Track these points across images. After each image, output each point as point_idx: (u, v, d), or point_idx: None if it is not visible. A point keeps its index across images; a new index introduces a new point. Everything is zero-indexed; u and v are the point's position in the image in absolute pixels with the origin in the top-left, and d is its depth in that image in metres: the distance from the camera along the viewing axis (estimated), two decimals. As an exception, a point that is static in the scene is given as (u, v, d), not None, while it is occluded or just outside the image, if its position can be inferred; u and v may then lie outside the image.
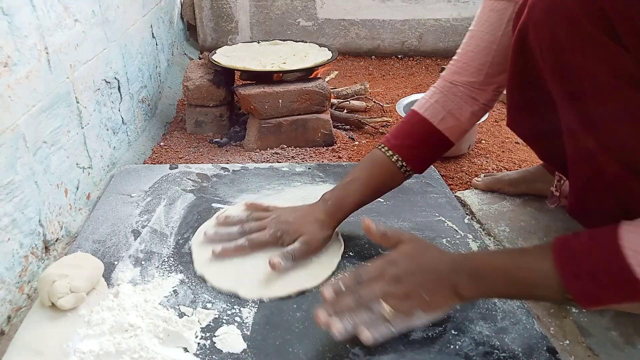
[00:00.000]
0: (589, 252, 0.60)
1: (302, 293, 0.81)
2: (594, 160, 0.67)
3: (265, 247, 0.87)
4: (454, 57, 0.89)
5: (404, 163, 0.87)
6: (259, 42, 1.69)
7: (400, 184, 0.91)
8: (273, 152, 1.39)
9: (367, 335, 0.66)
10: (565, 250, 0.62)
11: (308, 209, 0.90)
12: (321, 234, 0.86)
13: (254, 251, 0.87)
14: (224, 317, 0.76)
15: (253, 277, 0.83)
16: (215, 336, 0.72)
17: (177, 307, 0.77)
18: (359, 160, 1.35)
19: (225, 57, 1.52)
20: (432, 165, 1.23)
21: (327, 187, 1.12)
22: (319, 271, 0.85)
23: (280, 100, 1.37)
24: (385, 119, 1.54)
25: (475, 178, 1.17)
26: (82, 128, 1.05)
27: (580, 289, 0.60)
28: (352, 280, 0.71)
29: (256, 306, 0.78)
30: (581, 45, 0.59)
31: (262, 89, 1.37)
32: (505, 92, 0.84)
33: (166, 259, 0.88)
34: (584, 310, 0.80)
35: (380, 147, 0.90)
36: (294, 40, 1.70)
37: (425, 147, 0.89)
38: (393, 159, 0.87)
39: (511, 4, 0.80)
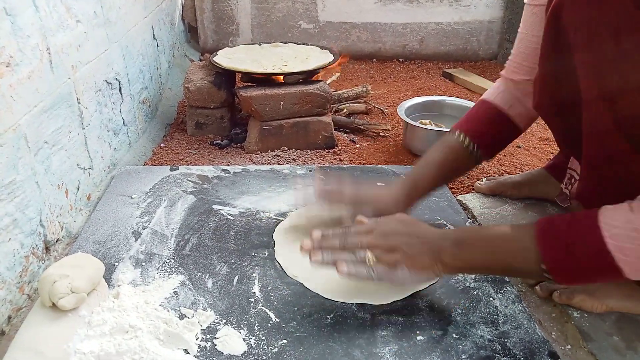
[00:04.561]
0: (568, 226, 0.64)
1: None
2: (611, 161, 0.67)
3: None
4: (510, 58, 0.95)
5: (474, 147, 0.91)
6: (260, 44, 1.69)
7: (472, 168, 0.97)
8: (274, 154, 1.38)
9: (343, 268, 0.71)
10: (546, 224, 0.66)
11: (386, 186, 0.94)
12: (394, 209, 0.85)
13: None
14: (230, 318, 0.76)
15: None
16: (216, 338, 0.72)
17: (178, 309, 0.77)
18: (360, 163, 1.35)
19: (226, 58, 1.52)
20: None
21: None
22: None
23: (281, 103, 1.37)
24: (384, 127, 1.54)
25: (478, 182, 1.17)
26: (83, 129, 1.05)
27: (554, 259, 0.63)
28: (341, 231, 0.76)
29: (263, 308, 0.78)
30: (616, 22, 0.58)
31: (263, 91, 1.37)
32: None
33: (167, 261, 0.88)
34: (586, 315, 0.80)
35: (451, 132, 0.94)
36: (295, 43, 1.70)
37: (495, 131, 0.93)
38: (465, 143, 0.91)
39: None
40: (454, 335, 0.73)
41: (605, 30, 0.59)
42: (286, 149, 1.41)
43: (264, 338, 0.72)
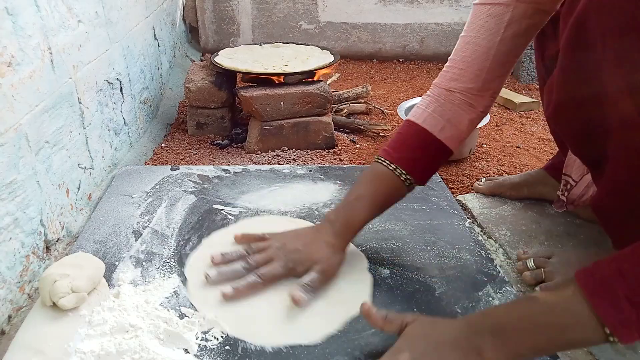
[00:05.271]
0: (620, 273, 0.54)
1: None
2: None
3: (277, 281, 0.81)
4: (448, 64, 0.87)
5: (407, 176, 0.84)
6: (261, 45, 1.70)
7: (404, 196, 0.88)
8: (274, 154, 1.39)
9: None
10: (593, 279, 0.56)
11: (314, 233, 0.86)
12: (335, 258, 0.83)
13: (267, 286, 0.81)
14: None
15: (274, 319, 0.76)
16: (216, 338, 0.72)
17: (178, 308, 0.77)
18: (360, 163, 1.35)
19: (227, 59, 1.52)
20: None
21: (326, 185, 1.13)
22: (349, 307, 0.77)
23: (281, 103, 1.37)
24: (384, 127, 1.54)
25: (477, 182, 1.17)
26: (84, 128, 1.06)
27: (620, 320, 0.53)
28: None
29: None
30: None
31: (264, 91, 1.37)
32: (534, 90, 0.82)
33: (167, 260, 0.88)
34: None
35: (381, 160, 0.86)
36: (295, 43, 1.70)
37: (427, 158, 0.87)
38: (397, 173, 0.84)
39: (509, 8, 0.78)
40: (454, 335, 0.73)
41: (633, 26, 0.57)
42: (286, 149, 1.41)
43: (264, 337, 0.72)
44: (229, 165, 1.29)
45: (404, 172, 0.84)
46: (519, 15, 0.78)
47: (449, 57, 0.87)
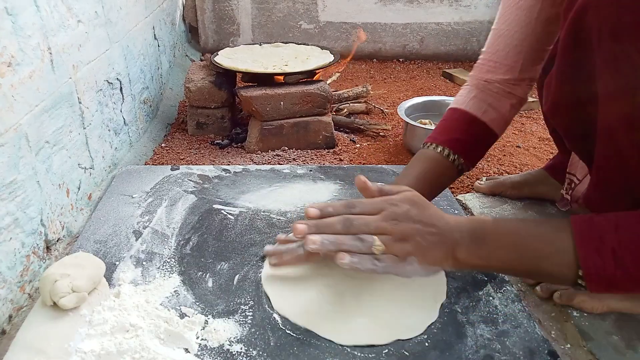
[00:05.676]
0: (615, 228, 0.55)
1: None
2: (624, 162, 0.64)
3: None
4: (482, 57, 0.89)
5: (455, 156, 0.84)
6: (260, 45, 1.70)
7: (454, 179, 0.87)
8: (274, 154, 1.39)
9: (344, 257, 0.60)
10: (587, 224, 0.57)
11: None
12: None
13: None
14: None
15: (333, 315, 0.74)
16: (215, 337, 0.72)
17: (178, 308, 0.77)
18: (360, 162, 1.35)
19: (227, 58, 1.52)
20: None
21: (326, 185, 1.13)
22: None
23: (281, 103, 1.37)
24: (385, 127, 1.55)
25: (477, 181, 1.17)
26: (84, 128, 1.06)
27: (597, 267, 0.55)
28: (344, 207, 0.65)
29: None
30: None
31: (264, 91, 1.37)
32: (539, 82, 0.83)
33: (167, 260, 0.88)
34: (585, 314, 0.80)
35: (426, 146, 0.87)
36: (295, 43, 1.70)
37: (473, 139, 0.87)
38: (444, 153, 0.84)
39: (539, 0, 0.80)
40: (454, 334, 0.73)
41: (630, 25, 0.57)
42: (286, 148, 1.41)
43: (264, 336, 0.72)
44: (229, 165, 1.29)
45: (451, 152, 0.84)
46: (548, 5, 0.78)
47: (482, 50, 0.89)
